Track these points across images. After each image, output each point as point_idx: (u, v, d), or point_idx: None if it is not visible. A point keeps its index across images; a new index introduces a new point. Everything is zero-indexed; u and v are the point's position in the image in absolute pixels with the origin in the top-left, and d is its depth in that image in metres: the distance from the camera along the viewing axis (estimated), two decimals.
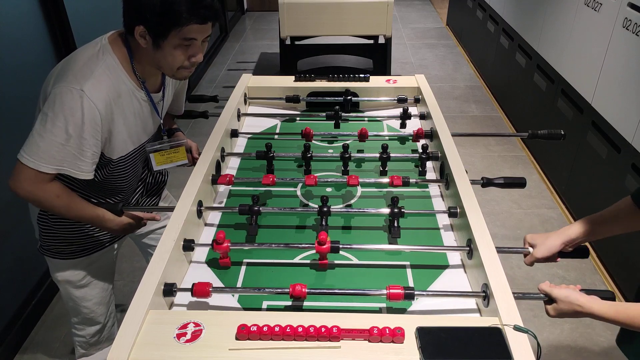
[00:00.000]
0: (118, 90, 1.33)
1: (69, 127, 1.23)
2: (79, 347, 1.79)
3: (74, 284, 1.61)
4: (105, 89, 1.28)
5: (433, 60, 5.32)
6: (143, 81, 1.39)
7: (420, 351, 0.95)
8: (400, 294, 1.10)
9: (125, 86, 1.35)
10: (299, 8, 3.63)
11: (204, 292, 1.12)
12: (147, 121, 1.47)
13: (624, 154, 2.40)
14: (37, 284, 2.41)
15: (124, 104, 1.35)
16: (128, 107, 1.37)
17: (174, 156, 1.59)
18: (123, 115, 1.36)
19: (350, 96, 2.03)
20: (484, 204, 3.05)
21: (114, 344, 0.96)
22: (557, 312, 1.14)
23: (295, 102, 2.03)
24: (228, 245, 1.26)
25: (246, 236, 1.40)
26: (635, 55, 2.31)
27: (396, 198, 1.39)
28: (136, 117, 1.41)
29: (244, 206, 1.39)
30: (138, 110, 1.41)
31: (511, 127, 4.04)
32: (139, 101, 1.40)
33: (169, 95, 1.57)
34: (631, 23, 2.34)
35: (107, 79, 1.29)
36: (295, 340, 0.97)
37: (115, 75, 1.32)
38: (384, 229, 1.44)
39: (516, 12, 3.93)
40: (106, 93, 1.28)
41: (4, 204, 2.16)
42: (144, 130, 1.48)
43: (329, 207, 1.38)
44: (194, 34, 1.28)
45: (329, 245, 1.23)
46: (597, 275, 2.56)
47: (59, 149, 1.25)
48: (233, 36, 6.15)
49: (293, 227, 1.46)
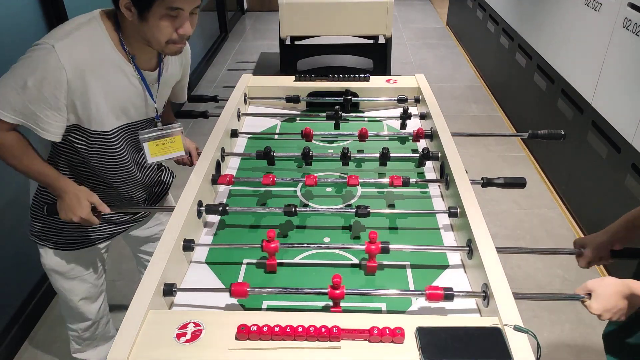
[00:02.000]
0: (100, 58, 1.27)
1: (29, 78, 1.20)
2: (72, 341, 1.79)
3: (62, 274, 1.60)
4: (80, 52, 1.23)
5: (433, 60, 5.31)
6: (132, 56, 1.33)
7: (420, 351, 0.95)
8: (440, 294, 1.10)
9: (109, 57, 1.29)
10: (299, 8, 3.63)
11: (242, 292, 1.12)
12: (136, 99, 1.40)
13: (624, 154, 2.40)
14: (37, 284, 2.41)
15: (105, 74, 1.29)
16: (112, 80, 1.31)
17: (170, 146, 1.51)
18: (104, 86, 1.30)
19: (350, 96, 2.03)
20: (484, 204, 3.05)
21: (114, 343, 0.96)
22: (599, 301, 1.04)
23: (295, 102, 2.03)
24: (277, 245, 1.24)
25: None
26: (635, 55, 2.31)
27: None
28: (123, 92, 1.35)
29: (289, 206, 1.39)
30: (125, 85, 1.35)
31: (511, 127, 4.04)
32: (127, 76, 1.34)
33: (170, 79, 1.51)
34: (631, 23, 2.34)
35: (86, 44, 1.25)
36: (295, 340, 0.97)
37: (99, 43, 1.27)
38: (384, 228, 1.44)
39: (516, 12, 3.93)
40: (81, 57, 1.23)
41: (4, 203, 2.16)
42: (134, 108, 1.41)
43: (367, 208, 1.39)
44: (179, 3, 1.22)
45: (378, 246, 1.24)
46: (597, 275, 2.56)
47: (16, 98, 1.22)
48: (233, 36, 6.15)
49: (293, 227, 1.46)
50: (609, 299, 1.05)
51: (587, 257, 1.27)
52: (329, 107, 1.96)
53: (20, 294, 2.32)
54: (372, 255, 1.25)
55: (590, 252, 1.26)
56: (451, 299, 1.11)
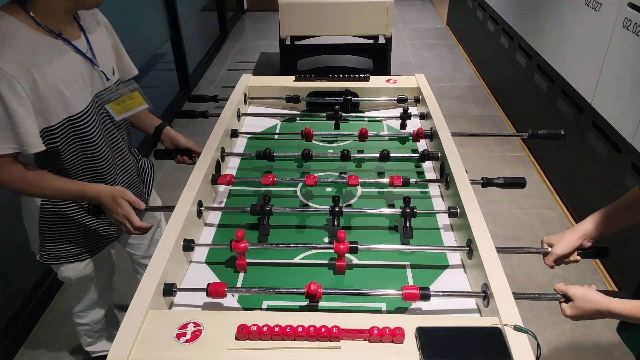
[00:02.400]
0: (29, 48, 1.24)
1: None
2: (84, 336, 1.79)
3: (82, 277, 1.63)
4: (11, 53, 1.20)
5: (433, 60, 5.31)
6: (57, 32, 1.29)
7: (420, 351, 0.95)
8: (416, 294, 1.10)
9: (36, 42, 1.25)
10: (299, 8, 3.63)
11: (219, 292, 1.12)
12: (83, 71, 1.37)
13: (624, 154, 2.40)
14: (37, 284, 2.41)
15: (44, 60, 1.26)
16: (54, 62, 1.28)
17: (131, 102, 1.49)
18: (51, 71, 1.27)
19: (350, 96, 2.03)
20: (484, 204, 3.05)
21: (113, 343, 0.96)
22: (574, 310, 1.10)
23: (295, 102, 2.03)
24: (246, 245, 1.24)
25: (258, 236, 1.39)
26: (635, 55, 2.31)
27: (408, 198, 1.40)
28: (69, 69, 1.32)
29: (255, 206, 1.39)
30: (66, 61, 1.32)
31: (511, 127, 4.04)
32: (62, 53, 1.31)
33: (98, 41, 1.45)
34: (631, 23, 2.34)
35: (10, 43, 1.21)
36: (295, 340, 0.97)
37: (19, 35, 1.23)
38: (384, 229, 1.44)
39: (516, 12, 3.93)
40: (15, 57, 1.20)
41: (2, 204, 2.16)
42: (84, 80, 1.37)
43: (341, 207, 1.39)
44: None
45: (347, 246, 1.23)
46: (597, 275, 2.56)
47: None
48: (233, 36, 6.15)
49: (293, 227, 1.46)
50: (585, 313, 1.10)
51: (554, 255, 1.25)
52: (329, 107, 1.96)
53: (20, 294, 2.32)
54: (341, 255, 1.25)
55: (558, 249, 1.25)
56: (428, 299, 1.10)
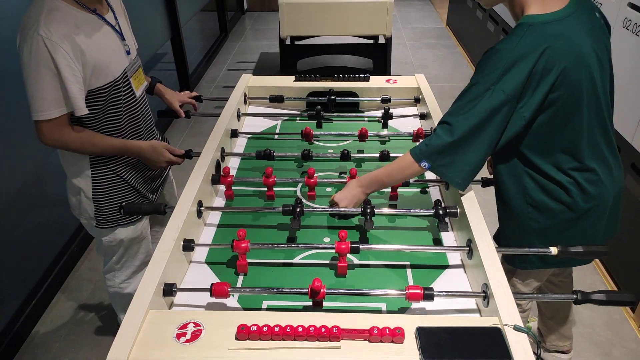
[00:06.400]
0: (72, 23, 1.37)
1: (47, 72, 1.32)
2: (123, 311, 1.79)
3: (132, 240, 1.70)
4: (58, 25, 1.33)
5: (433, 60, 5.31)
6: (93, 9, 1.44)
7: (420, 351, 0.95)
8: (420, 294, 1.10)
9: (78, 18, 1.39)
10: (299, 8, 3.63)
11: (223, 292, 1.12)
12: (114, 44, 1.51)
13: (624, 154, 2.40)
14: (37, 284, 2.41)
15: (86, 32, 1.39)
16: (94, 36, 1.42)
17: (140, 78, 1.65)
18: (92, 42, 1.40)
19: (334, 96, 2.03)
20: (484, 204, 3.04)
21: (113, 343, 0.96)
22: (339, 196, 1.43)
23: (279, 102, 2.04)
24: (248, 245, 1.24)
25: (289, 231, 1.42)
26: (635, 55, 2.31)
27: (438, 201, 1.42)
28: (105, 42, 1.46)
29: (287, 206, 1.38)
30: (105, 36, 1.46)
31: None
32: (98, 27, 1.44)
33: (121, 17, 1.59)
34: (631, 23, 2.34)
35: (56, 17, 1.34)
36: (295, 340, 0.97)
37: (63, 11, 1.36)
38: (384, 229, 1.44)
39: None
40: (62, 28, 1.33)
41: (4, 204, 2.16)
42: (120, 55, 1.52)
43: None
44: None
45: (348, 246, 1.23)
46: (597, 275, 2.55)
47: (51, 93, 1.34)
48: (233, 36, 6.15)
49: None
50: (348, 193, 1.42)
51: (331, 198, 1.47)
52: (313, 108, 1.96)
53: (20, 294, 2.32)
54: (343, 255, 1.25)
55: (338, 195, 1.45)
56: (431, 299, 1.10)
